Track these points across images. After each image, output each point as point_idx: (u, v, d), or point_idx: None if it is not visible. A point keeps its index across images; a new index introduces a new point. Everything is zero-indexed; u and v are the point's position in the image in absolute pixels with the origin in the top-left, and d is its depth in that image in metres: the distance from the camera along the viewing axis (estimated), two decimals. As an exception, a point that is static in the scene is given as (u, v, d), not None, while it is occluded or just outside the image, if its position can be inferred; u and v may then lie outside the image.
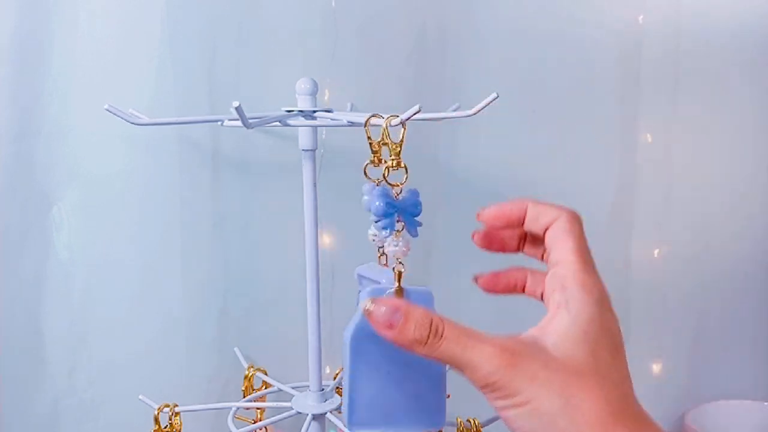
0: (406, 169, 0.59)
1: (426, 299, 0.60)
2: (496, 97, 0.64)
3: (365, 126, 0.58)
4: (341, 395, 0.85)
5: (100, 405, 0.98)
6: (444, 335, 0.46)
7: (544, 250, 0.53)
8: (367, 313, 0.48)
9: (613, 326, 0.48)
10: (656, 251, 1.16)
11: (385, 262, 0.63)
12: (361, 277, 0.69)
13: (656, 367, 1.20)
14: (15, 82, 0.89)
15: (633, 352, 1.14)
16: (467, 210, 1.04)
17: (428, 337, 0.46)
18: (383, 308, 0.47)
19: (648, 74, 1.09)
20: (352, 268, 0.73)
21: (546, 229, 0.52)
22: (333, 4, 0.95)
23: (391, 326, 0.46)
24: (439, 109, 0.90)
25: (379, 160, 0.58)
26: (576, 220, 0.51)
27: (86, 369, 0.97)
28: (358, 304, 0.59)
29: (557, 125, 1.06)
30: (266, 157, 0.97)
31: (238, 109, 0.57)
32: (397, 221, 0.59)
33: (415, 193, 0.60)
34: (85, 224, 0.94)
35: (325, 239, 0.99)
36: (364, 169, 0.58)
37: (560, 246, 0.50)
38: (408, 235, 0.59)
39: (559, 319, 0.47)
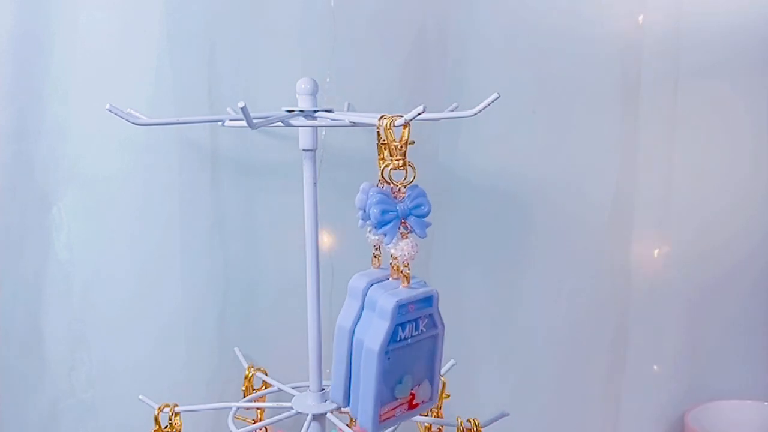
0: (413, 168, 0.59)
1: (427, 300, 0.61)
2: (497, 98, 0.64)
3: (378, 126, 0.58)
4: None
5: (100, 405, 0.98)
6: None
7: None
8: None
9: None
10: (656, 251, 1.16)
11: (378, 265, 0.63)
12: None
13: (657, 367, 1.20)
14: (14, 82, 0.89)
15: (633, 352, 1.15)
16: (468, 209, 1.04)
17: None
18: None
19: (648, 74, 1.09)
20: (353, 267, 0.72)
21: None
22: (332, 3, 0.95)
23: None
24: (439, 108, 0.90)
25: (404, 163, 0.58)
26: None
27: (86, 369, 0.97)
28: (375, 311, 0.60)
29: (558, 124, 1.06)
30: (266, 157, 0.97)
31: (243, 109, 0.57)
32: (402, 224, 0.59)
33: (418, 192, 0.60)
34: (85, 224, 0.94)
35: (325, 239, 0.99)
36: (382, 172, 0.58)
37: None
38: (415, 238, 0.59)
39: None
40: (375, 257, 0.64)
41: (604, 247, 1.12)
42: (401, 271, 0.60)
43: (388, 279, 0.61)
